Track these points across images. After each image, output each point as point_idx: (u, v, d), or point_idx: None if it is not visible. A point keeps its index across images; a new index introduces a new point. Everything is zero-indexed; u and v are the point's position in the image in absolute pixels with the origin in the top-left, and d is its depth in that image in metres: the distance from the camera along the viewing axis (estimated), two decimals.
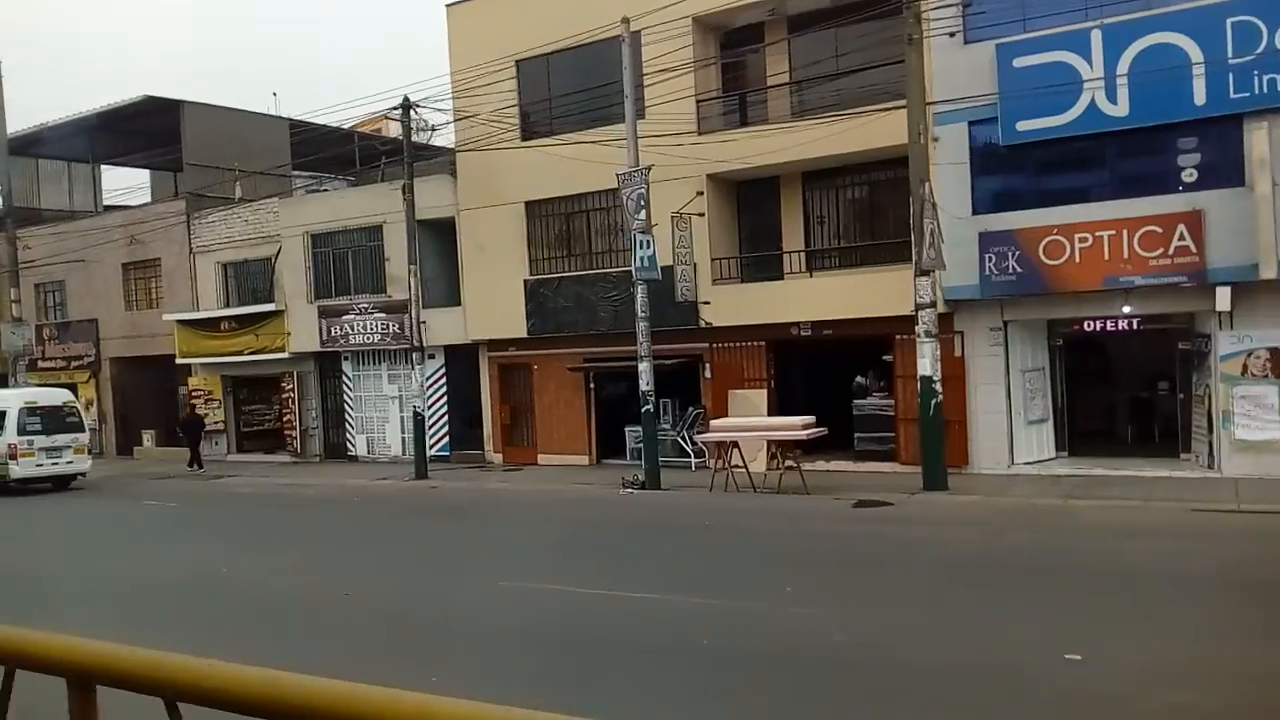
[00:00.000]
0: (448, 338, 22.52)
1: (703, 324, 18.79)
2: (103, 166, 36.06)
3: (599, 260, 20.50)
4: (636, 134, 17.06)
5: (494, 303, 21.59)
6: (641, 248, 16.88)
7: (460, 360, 23.05)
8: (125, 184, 35.94)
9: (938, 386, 15.08)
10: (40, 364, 30.95)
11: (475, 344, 22.55)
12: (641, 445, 19.31)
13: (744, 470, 15.89)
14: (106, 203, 35.75)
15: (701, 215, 18.61)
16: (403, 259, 23.15)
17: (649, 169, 16.91)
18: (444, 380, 23.30)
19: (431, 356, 23.58)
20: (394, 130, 31.14)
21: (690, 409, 19.46)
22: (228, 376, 27.49)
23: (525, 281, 21.17)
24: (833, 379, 19.40)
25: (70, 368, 31.03)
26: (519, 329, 21.36)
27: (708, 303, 18.74)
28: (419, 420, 21.07)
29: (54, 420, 21.50)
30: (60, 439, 21.44)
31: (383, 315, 23.47)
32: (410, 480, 20.50)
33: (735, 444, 15.89)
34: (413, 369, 21.33)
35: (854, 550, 11.37)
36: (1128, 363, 18.73)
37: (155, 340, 28.80)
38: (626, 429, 21.21)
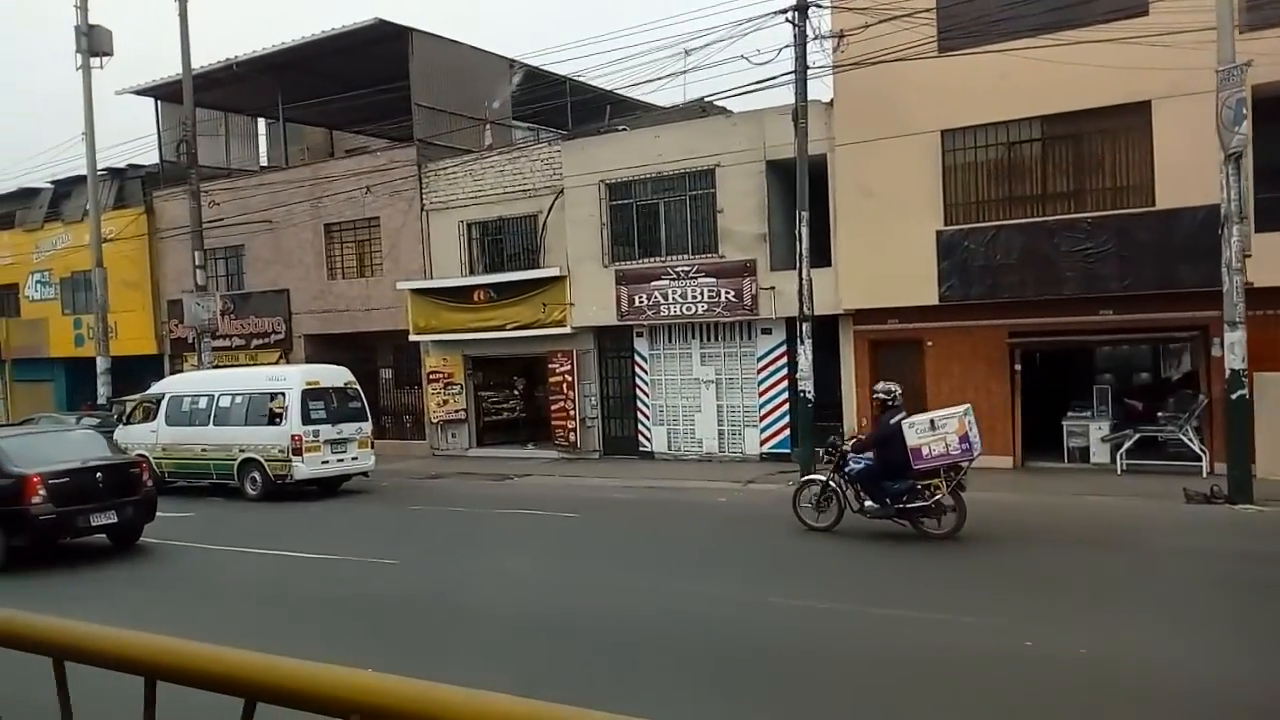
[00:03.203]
0: (797, 308, 17.93)
1: (1246, 285, 14.24)
2: (259, 120, 31.79)
3: (1059, 204, 15.94)
4: (1233, 12, 12.49)
5: (884, 261, 17.04)
6: (1238, 174, 12.40)
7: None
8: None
9: None
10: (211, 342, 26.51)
11: (833, 317, 18.02)
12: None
13: None
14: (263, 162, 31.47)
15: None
16: (741, 211, 18.77)
17: (1248, 64, 12.37)
18: (784, 361, 18.79)
19: (766, 332, 19.13)
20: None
21: (1200, 398, 14.94)
22: (469, 356, 23.01)
23: (938, 233, 16.62)
24: None
25: (251, 346, 26.62)
26: (924, 294, 16.80)
27: (1249, 255, 14.20)
28: (807, 407, 16.56)
29: (337, 405, 17.00)
30: (346, 429, 16.93)
31: (711, 280, 18.94)
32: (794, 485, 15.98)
33: None
34: (800, 344, 16.76)
35: None
36: None
37: (368, 315, 24.40)
38: (1064, 422, 16.75)
